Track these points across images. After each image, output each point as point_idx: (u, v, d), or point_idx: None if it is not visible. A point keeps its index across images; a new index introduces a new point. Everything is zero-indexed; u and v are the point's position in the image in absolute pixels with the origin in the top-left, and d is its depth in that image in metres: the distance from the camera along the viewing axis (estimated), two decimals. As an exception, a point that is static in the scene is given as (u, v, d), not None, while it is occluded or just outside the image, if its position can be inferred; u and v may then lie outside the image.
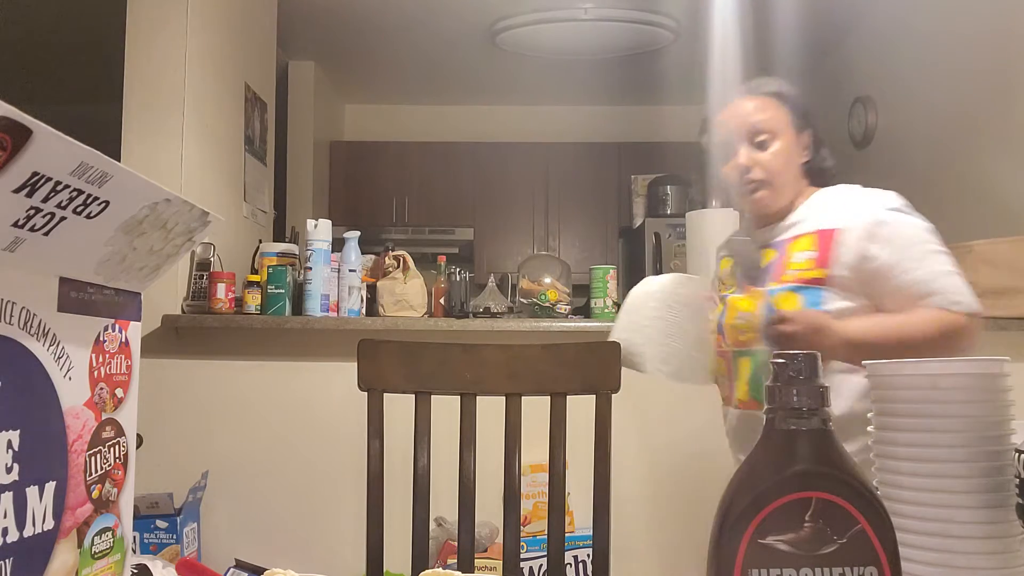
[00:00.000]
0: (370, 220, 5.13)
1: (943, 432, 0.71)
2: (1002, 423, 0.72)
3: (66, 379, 0.54)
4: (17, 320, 0.50)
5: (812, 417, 0.57)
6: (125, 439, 0.61)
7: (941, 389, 0.72)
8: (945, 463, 0.70)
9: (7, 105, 0.40)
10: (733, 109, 1.57)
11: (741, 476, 0.58)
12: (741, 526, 0.55)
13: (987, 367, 0.72)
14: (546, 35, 4.35)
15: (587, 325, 2.63)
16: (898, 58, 3.84)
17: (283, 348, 2.68)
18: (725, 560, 0.55)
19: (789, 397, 0.57)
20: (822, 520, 0.54)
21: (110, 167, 0.49)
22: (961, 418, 0.71)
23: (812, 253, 1.46)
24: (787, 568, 0.54)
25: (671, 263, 4.20)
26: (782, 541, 0.54)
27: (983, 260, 2.58)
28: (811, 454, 0.56)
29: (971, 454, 0.70)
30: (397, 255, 2.79)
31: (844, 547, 0.54)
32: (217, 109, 3.02)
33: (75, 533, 0.55)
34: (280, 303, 2.62)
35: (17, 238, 0.47)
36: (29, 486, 0.50)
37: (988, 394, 0.72)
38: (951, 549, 0.68)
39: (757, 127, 1.53)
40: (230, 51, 3.16)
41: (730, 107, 1.58)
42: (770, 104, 1.55)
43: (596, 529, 1.35)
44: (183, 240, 0.63)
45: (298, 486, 2.63)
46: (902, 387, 0.74)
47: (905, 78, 3.75)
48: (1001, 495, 0.70)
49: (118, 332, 0.61)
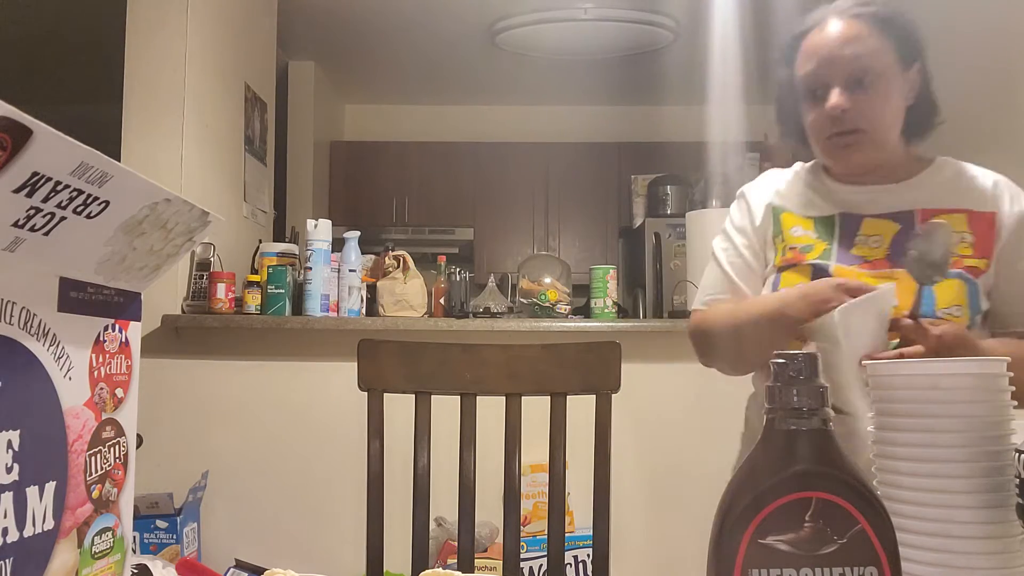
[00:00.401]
0: (370, 220, 5.13)
1: (943, 432, 0.71)
2: (1002, 423, 0.71)
3: (66, 379, 0.54)
4: (17, 320, 0.50)
5: (812, 417, 0.57)
6: (125, 439, 0.61)
7: (941, 389, 0.72)
8: (945, 463, 0.70)
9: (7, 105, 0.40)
10: (822, 37, 1.27)
11: (741, 476, 0.58)
12: (741, 526, 0.55)
13: (987, 367, 0.72)
14: (546, 35, 4.35)
15: (587, 325, 2.63)
16: (898, 58, 3.83)
17: (283, 348, 2.68)
18: (725, 560, 0.55)
19: (789, 397, 0.57)
20: (822, 520, 0.54)
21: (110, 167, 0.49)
22: (961, 418, 0.71)
23: (967, 236, 1.24)
24: (787, 568, 0.54)
25: (671, 263, 4.20)
26: (782, 541, 0.54)
27: (983, 260, 2.58)
28: (811, 454, 0.56)
29: (971, 454, 0.70)
30: (397, 255, 2.79)
31: (844, 547, 0.54)
32: (217, 109, 3.02)
33: (75, 533, 0.55)
34: (280, 303, 2.62)
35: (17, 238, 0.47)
36: (29, 486, 0.50)
37: (988, 394, 0.72)
38: (951, 549, 0.68)
39: (854, 63, 1.24)
40: (230, 51, 3.16)
41: (819, 34, 1.28)
42: (871, 32, 1.25)
43: (596, 529, 1.35)
44: (183, 240, 0.63)
45: (298, 486, 2.63)
46: (902, 387, 0.74)
47: (905, 78, 3.75)
48: (1001, 495, 0.69)
49: (118, 332, 0.61)
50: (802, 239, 1.31)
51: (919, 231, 1.22)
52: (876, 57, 1.25)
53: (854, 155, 1.28)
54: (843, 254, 1.27)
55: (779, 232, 1.35)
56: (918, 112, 1.33)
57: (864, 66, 1.24)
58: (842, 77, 1.24)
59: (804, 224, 1.33)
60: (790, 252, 1.31)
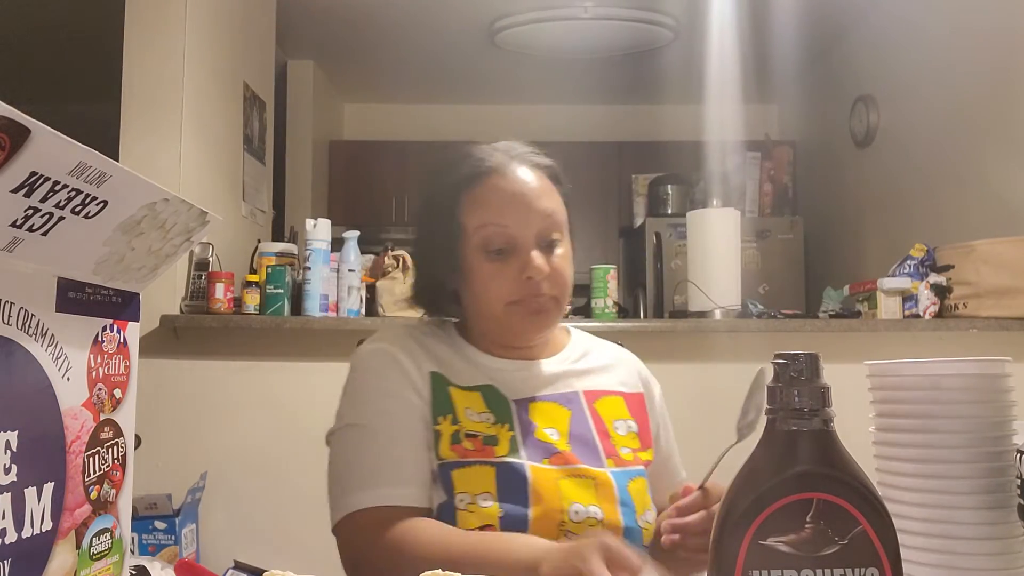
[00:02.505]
0: (370, 220, 5.12)
1: (945, 433, 0.71)
2: (1004, 424, 0.71)
3: (64, 380, 0.54)
4: (15, 320, 0.50)
5: (813, 418, 0.56)
6: (123, 440, 0.61)
7: (943, 390, 0.72)
8: (947, 464, 0.70)
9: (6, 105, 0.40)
10: (508, 184, 1.09)
11: (742, 477, 0.58)
12: (742, 527, 0.55)
13: (989, 368, 0.72)
14: (546, 34, 4.35)
15: (587, 325, 2.62)
16: (900, 57, 3.84)
17: (282, 348, 2.68)
18: (726, 561, 0.55)
19: (791, 398, 0.57)
20: (823, 521, 0.54)
21: (108, 167, 0.49)
22: (963, 419, 0.71)
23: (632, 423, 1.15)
24: (788, 569, 0.54)
25: (671, 263, 4.20)
26: (783, 542, 0.54)
27: (983, 260, 2.59)
28: (812, 455, 0.56)
29: (973, 455, 0.70)
30: (397, 255, 2.79)
31: (845, 548, 0.54)
32: (216, 108, 3.02)
33: (73, 534, 0.55)
34: (279, 303, 2.62)
35: (15, 238, 0.47)
36: (27, 487, 0.50)
37: (990, 395, 0.72)
38: (953, 550, 0.68)
39: (548, 220, 1.09)
40: (229, 50, 3.15)
41: (500, 180, 1.09)
42: (553, 188, 1.13)
43: (595, 530, 1.34)
44: (181, 240, 0.62)
45: (297, 487, 2.63)
46: (903, 387, 0.74)
47: (907, 77, 3.75)
48: (1003, 496, 0.69)
49: (116, 332, 0.60)
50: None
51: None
52: (562, 215, 1.11)
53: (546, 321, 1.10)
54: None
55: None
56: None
57: (559, 223, 1.10)
58: (536, 236, 1.07)
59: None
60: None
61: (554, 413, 1.09)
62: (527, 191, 1.08)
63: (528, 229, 1.06)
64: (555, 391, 1.11)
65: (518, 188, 1.08)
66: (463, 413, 1.06)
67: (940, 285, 2.65)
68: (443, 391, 1.08)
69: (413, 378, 1.08)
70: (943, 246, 2.74)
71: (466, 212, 1.08)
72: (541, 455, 1.04)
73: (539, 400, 1.10)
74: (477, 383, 1.09)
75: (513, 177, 1.09)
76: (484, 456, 1.03)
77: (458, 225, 1.09)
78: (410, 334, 1.15)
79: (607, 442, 1.09)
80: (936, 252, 2.75)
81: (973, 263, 2.60)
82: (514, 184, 1.09)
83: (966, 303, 2.60)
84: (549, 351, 1.16)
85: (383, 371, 1.09)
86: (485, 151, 1.13)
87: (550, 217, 1.08)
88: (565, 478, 1.03)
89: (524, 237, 1.06)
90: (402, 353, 1.10)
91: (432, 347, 1.13)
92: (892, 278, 2.72)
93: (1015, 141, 3.00)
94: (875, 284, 2.72)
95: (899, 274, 2.74)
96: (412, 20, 4.29)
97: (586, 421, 1.10)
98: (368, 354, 1.13)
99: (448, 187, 1.11)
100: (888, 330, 2.63)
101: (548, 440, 1.06)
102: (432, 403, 1.07)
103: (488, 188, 1.08)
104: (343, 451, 1.09)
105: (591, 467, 1.05)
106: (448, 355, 1.12)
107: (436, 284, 1.15)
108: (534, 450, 1.04)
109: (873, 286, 2.72)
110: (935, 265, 2.72)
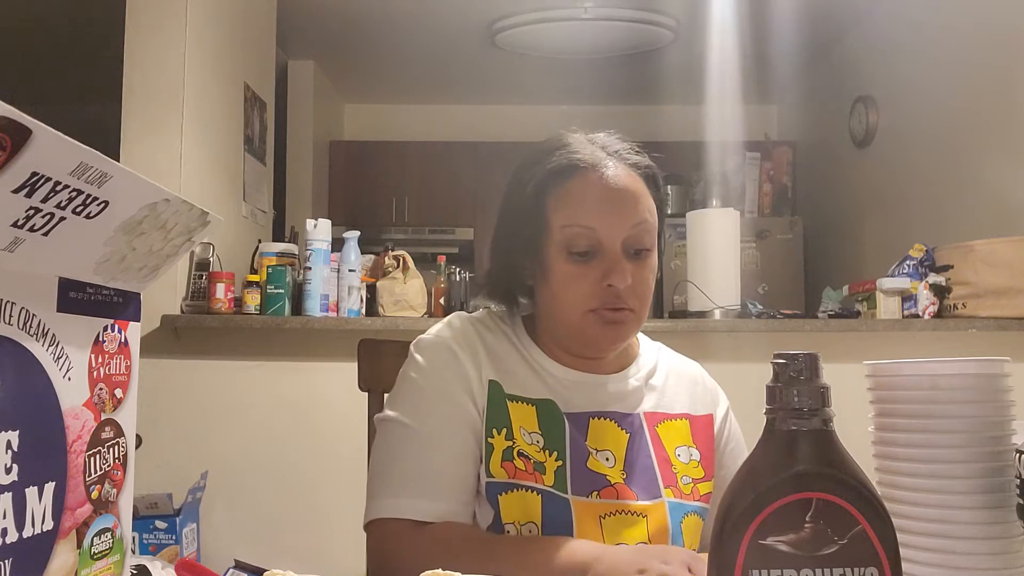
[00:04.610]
0: (370, 220, 5.12)
1: (944, 432, 0.71)
2: (1003, 423, 0.71)
3: (65, 379, 0.54)
4: (16, 320, 0.50)
5: (813, 417, 0.56)
6: (124, 439, 0.61)
7: (942, 389, 0.72)
8: (946, 463, 0.70)
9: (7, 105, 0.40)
10: (602, 183, 1.02)
11: (742, 477, 0.58)
12: (741, 527, 0.55)
13: (988, 367, 0.72)
14: (546, 34, 4.35)
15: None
16: (899, 57, 3.84)
17: (283, 348, 2.68)
18: (725, 561, 0.55)
19: (790, 397, 0.57)
20: (823, 521, 0.54)
21: (109, 167, 0.49)
22: (962, 418, 0.71)
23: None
24: (788, 569, 0.54)
25: (671, 263, 4.20)
26: (783, 542, 0.54)
27: (983, 260, 2.59)
28: (812, 454, 0.56)
29: (972, 454, 0.70)
30: (397, 255, 2.79)
31: (845, 548, 0.54)
32: (216, 109, 3.02)
33: (74, 534, 0.55)
34: (279, 303, 2.62)
35: (16, 238, 0.47)
36: (28, 487, 0.50)
37: (989, 394, 0.72)
38: (952, 550, 0.68)
39: (640, 228, 1.02)
40: (229, 51, 3.16)
41: (594, 176, 1.03)
42: (647, 192, 1.06)
43: (596, 529, 1.34)
44: (182, 240, 0.62)
45: (298, 486, 2.63)
46: (902, 387, 0.74)
47: (907, 77, 3.75)
48: (1002, 496, 0.69)
49: (117, 332, 0.60)
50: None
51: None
52: (653, 223, 1.03)
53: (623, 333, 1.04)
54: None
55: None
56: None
57: (649, 231, 1.02)
58: (624, 243, 1.00)
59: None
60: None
61: (611, 435, 1.03)
62: (619, 194, 1.01)
63: (616, 235, 0.99)
64: (616, 410, 1.05)
65: (610, 189, 1.01)
66: (518, 430, 1.01)
67: (939, 285, 2.65)
68: (500, 402, 1.02)
69: (471, 383, 1.02)
70: (942, 246, 2.74)
71: (552, 208, 1.02)
72: (590, 487, 0.99)
73: (597, 418, 1.04)
74: (535, 396, 1.04)
75: (605, 176, 1.01)
76: (533, 481, 0.98)
77: (543, 220, 1.02)
78: (475, 329, 1.08)
79: (667, 469, 1.03)
80: (935, 252, 2.75)
81: (972, 263, 2.60)
82: (606, 184, 1.01)
83: (965, 303, 2.60)
84: (617, 365, 1.10)
85: (442, 370, 1.03)
86: (579, 143, 1.07)
87: (641, 224, 1.01)
88: (611, 515, 0.98)
89: (611, 242, 0.99)
90: (464, 353, 1.04)
91: (495, 347, 1.07)
92: (891, 278, 2.72)
93: (1015, 141, 3.00)
94: (874, 284, 2.72)
95: (898, 274, 2.74)
96: (412, 20, 4.29)
97: (646, 447, 1.04)
98: (429, 346, 1.06)
99: (535, 178, 1.04)
100: (887, 330, 2.63)
101: (601, 470, 1.00)
102: (487, 414, 1.01)
103: (577, 186, 1.01)
104: (386, 445, 1.03)
105: (645, 501, 1.00)
106: (511, 357, 1.07)
107: (512, 276, 1.08)
108: (583, 482, 0.99)
109: (872, 286, 2.73)
110: (934, 265, 2.72)
